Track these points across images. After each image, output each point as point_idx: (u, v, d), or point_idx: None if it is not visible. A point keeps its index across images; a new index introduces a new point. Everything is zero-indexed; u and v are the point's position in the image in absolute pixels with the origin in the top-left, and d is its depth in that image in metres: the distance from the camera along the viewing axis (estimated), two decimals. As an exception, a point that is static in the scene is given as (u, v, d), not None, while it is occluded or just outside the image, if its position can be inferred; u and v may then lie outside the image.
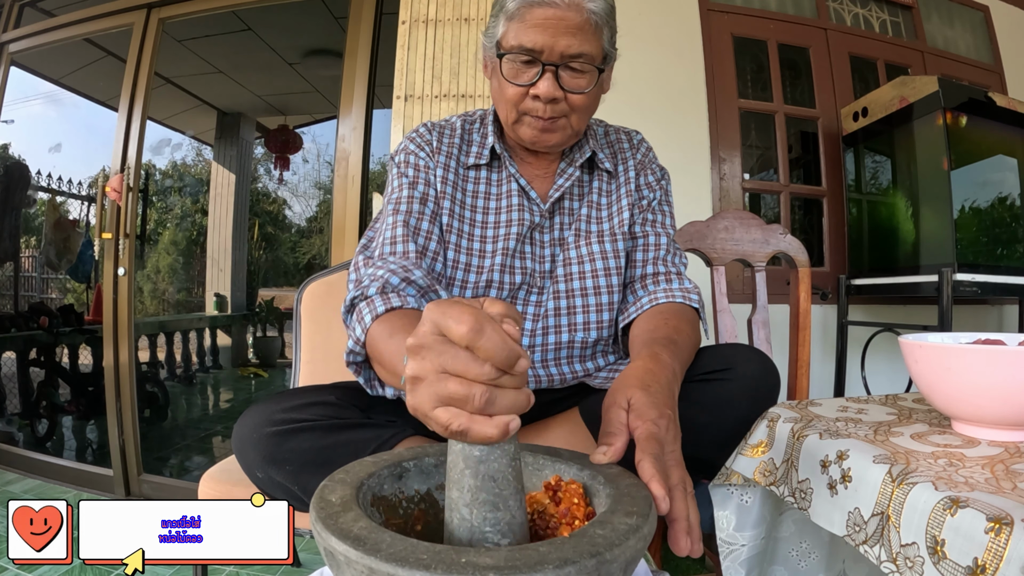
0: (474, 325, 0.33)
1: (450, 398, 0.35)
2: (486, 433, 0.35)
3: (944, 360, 0.55)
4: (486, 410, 0.35)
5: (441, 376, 0.35)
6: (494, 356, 0.34)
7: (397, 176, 0.88)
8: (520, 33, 0.77)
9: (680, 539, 0.45)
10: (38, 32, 2.45)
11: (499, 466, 0.38)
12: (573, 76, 0.79)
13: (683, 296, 0.85)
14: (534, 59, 0.78)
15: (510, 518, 0.39)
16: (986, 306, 2.19)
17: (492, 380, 0.34)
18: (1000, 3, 2.39)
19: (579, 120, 0.83)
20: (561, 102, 0.80)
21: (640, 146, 0.97)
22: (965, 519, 0.39)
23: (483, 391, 0.34)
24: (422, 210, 0.85)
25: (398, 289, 0.72)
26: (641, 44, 1.90)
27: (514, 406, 0.35)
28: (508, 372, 0.35)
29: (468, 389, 0.34)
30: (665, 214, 0.94)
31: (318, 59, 3.82)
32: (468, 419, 0.35)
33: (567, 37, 0.76)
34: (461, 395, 0.34)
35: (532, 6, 0.76)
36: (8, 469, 2.32)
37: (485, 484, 0.38)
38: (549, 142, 0.84)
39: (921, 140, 1.74)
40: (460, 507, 0.39)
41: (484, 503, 0.39)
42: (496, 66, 0.82)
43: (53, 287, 4.53)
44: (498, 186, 0.90)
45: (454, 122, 0.93)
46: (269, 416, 0.72)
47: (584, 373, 0.89)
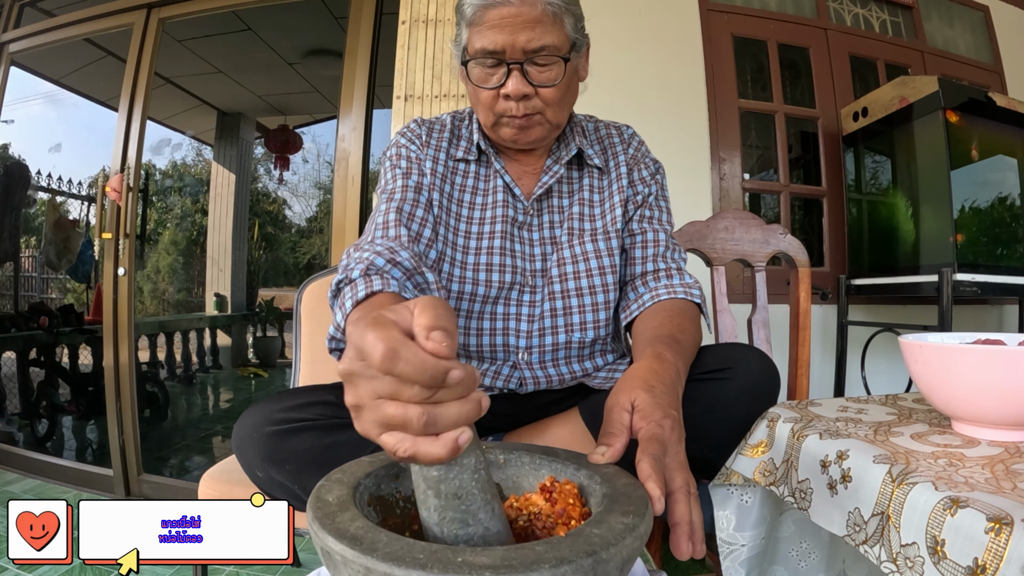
0: (385, 353, 0.31)
1: (390, 421, 0.33)
2: (434, 454, 0.33)
3: (944, 360, 0.55)
4: (429, 430, 0.33)
5: (377, 402, 0.33)
6: (417, 379, 0.32)
7: (390, 168, 0.88)
8: (480, 36, 0.77)
9: (682, 543, 0.45)
10: (38, 32, 2.45)
11: (460, 483, 0.37)
12: (540, 70, 0.79)
13: (685, 292, 0.85)
14: (499, 60, 0.78)
15: (483, 531, 0.38)
16: (986, 306, 2.19)
17: (426, 400, 0.32)
18: (1000, 3, 2.39)
19: (555, 113, 0.83)
20: (533, 98, 0.80)
21: (632, 140, 0.96)
22: (965, 519, 0.39)
23: (419, 413, 0.32)
24: (416, 198, 0.84)
25: (382, 271, 0.70)
26: (641, 44, 1.90)
27: (459, 418, 0.33)
28: (441, 387, 0.32)
29: (405, 411, 0.32)
30: (662, 209, 0.94)
31: (318, 59, 3.82)
32: (413, 442, 0.33)
33: (526, 32, 0.76)
34: (400, 419, 0.32)
35: (487, 8, 0.76)
36: (8, 469, 2.32)
37: (450, 503, 0.37)
38: (529, 138, 0.84)
39: (921, 140, 1.74)
40: (431, 527, 0.39)
41: (453, 521, 0.38)
42: (465, 73, 0.82)
43: (53, 287, 4.53)
44: (485, 182, 0.90)
45: (444, 119, 0.94)
46: (269, 416, 0.72)
47: (583, 373, 0.89)
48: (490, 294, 0.85)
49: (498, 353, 0.87)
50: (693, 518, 0.46)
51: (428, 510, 0.39)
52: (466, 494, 0.37)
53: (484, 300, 0.86)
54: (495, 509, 0.39)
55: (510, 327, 0.86)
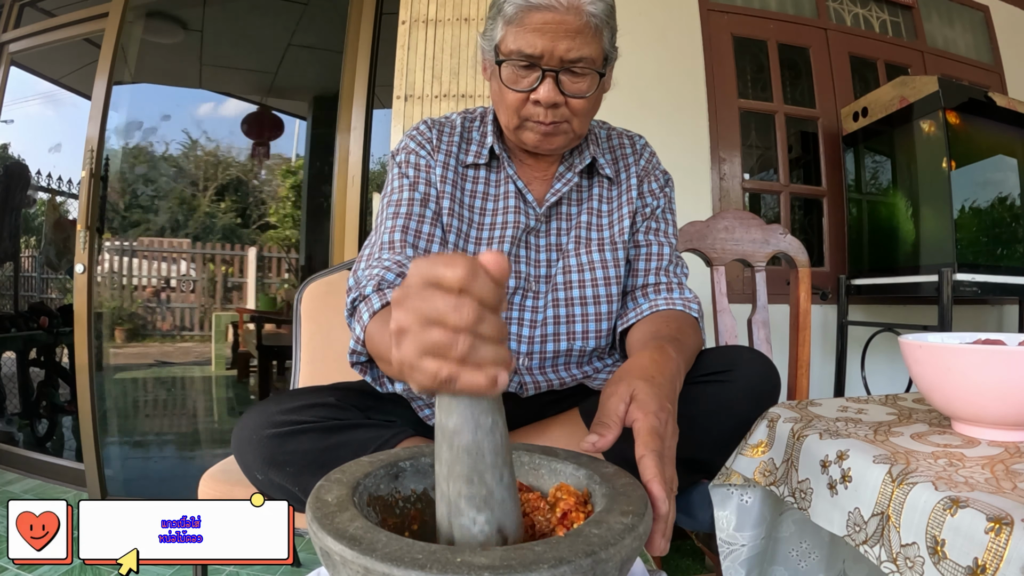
0: (468, 270, 0.33)
1: (434, 347, 0.34)
2: (475, 381, 0.34)
3: (944, 360, 0.55)
4: (470, 359, 0.34)
5: (425, 326, 0.34)
6: (488, 299, 0.34)
7: (398, 176, 0.87)
8: (519, 38, 0.76)
9: (657, 539, 0.45)
10: (38, 32, 2.45)
11: (472, 438, 0.38)
12: (573, 80, 0.78)
13: (683, 305, 0.85)
14: (534, 64, 0.77)
15: (486, 493, 0.39)
16: (986, 306, 2.19)
17: (474, 327, 0.34)
18: (1000, 3, 2.39)
19: (580, 124, 0.82)
20: (562, 107, 0.79)
21: (643, 152, 0.96)
22: (965, 519, 0.39)
23: (466, 338, 0.34)
24: (423, 213, 0.84)
25: (394, 285, 0.71)
26: (641, 44, 1.90)
27: (497, 357, 0.35)
28: (493, 313, 0.35)
29: (451, 337, 0.34)
30: (668, 223, 0.94)
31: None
32: (456, 367, 0.34)
33: (567, 41, 0.75)
34: (445, 343, 0.34)
35: (531, 10, 0.74)
36: (8, 469, 2.32)
37: (459, 457, 0.38)
38: (551, 146, 0.84)
39: (921, 140, 1.74)
40: (440, 480, 0.40)
41: (459, 476, 0.38)
42: (495, 71, 0.81)
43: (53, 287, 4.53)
44: (496, 187, 0.89)
45: (454, 119, 0.92)
46: (269, 418, 0.72)
47: (583, 376, 0.89)
48: None
49: None
50: (670, 515, 0.46)
51: (440, 463, 0.39)
52: (476, 451, 0.38)
53: None
54: (503, 477, 0.40)
55: (511, 332, 0.86)
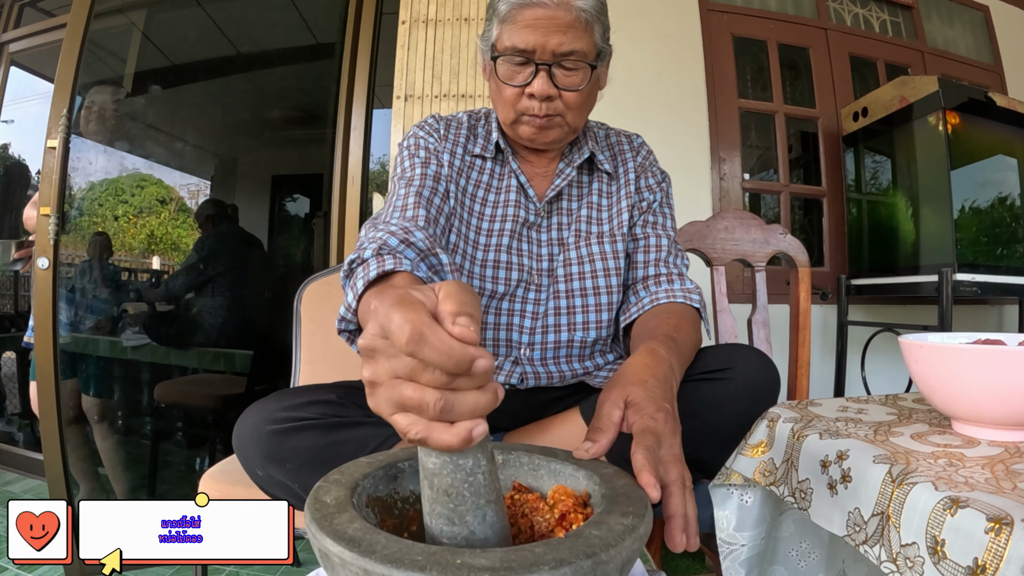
0: (412, 335, 0.30)
1: (406, 402, 0.32)
2: (446, 441, 0.32)
3: (944, 360, 0.55)
4: (444, 417, 0.32)
5: (394, 381, 0.32)
6: (441, 364, 0.31)
7: (408, 158, 0.88)
8: (512, 34, 0.79)
9: (676, 535, 0.45)
10: (38, 32, 2.45)
11: (452, 481, 0.37)
12: (566, 74, 0.80)
13: (684, 296, 0.85)
14: (527, 59, 0.79)
15: (467, 533, 0.38)
16: (986, 306, 2.19)
17: (445, 385, 0.31)
18: (1000, 3, 2.39)
19: (575, 117, 0.84)
20: (556, 100, 0.81)
21: (641, 149, 0.98)
22: (965, 519, 0.39)
23: (437, 398, 0.31)
24: (435, 187, 0.85)
25: (395, 251, 0.68)
26: (641, 44, 1.90)
27: (476, 409, 0.32)
28: (464, 375, 0.32)
29: (421, 395, 0.31)
30: (666, 216, 0.95)
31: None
32: (426, 426, 0.32)
33: (558, 35, 0.78)
34: (415, 401, 0.32)
35: (523, 7, 0.78)
36: (8, 469, 2.32)
37: (439, 497, 0.37)
38: (547, 139, 0.86)
39: (921, 140, 1.74)
40: (424, 514, 0.39)
41: (440, 516, 0.38)
42: (492, 68, 0.83)
43: (53, 287, 4.52)
44: (499, 180, 0.92)
45: (461, 117, 0.95)
46: (270, 414, 0.72)
47: (584, 372, 0.89)
48: (498, 291, 0.86)
49: (500, 348, 0.87)
50: (688, 511, 0.46)
51: (423, 499, 0.39)
52: (456, 494, 0.37)
53: (492, 296, 0.87)
54: (487, 516, 0.38)
55: (514, 323, 0.87)
